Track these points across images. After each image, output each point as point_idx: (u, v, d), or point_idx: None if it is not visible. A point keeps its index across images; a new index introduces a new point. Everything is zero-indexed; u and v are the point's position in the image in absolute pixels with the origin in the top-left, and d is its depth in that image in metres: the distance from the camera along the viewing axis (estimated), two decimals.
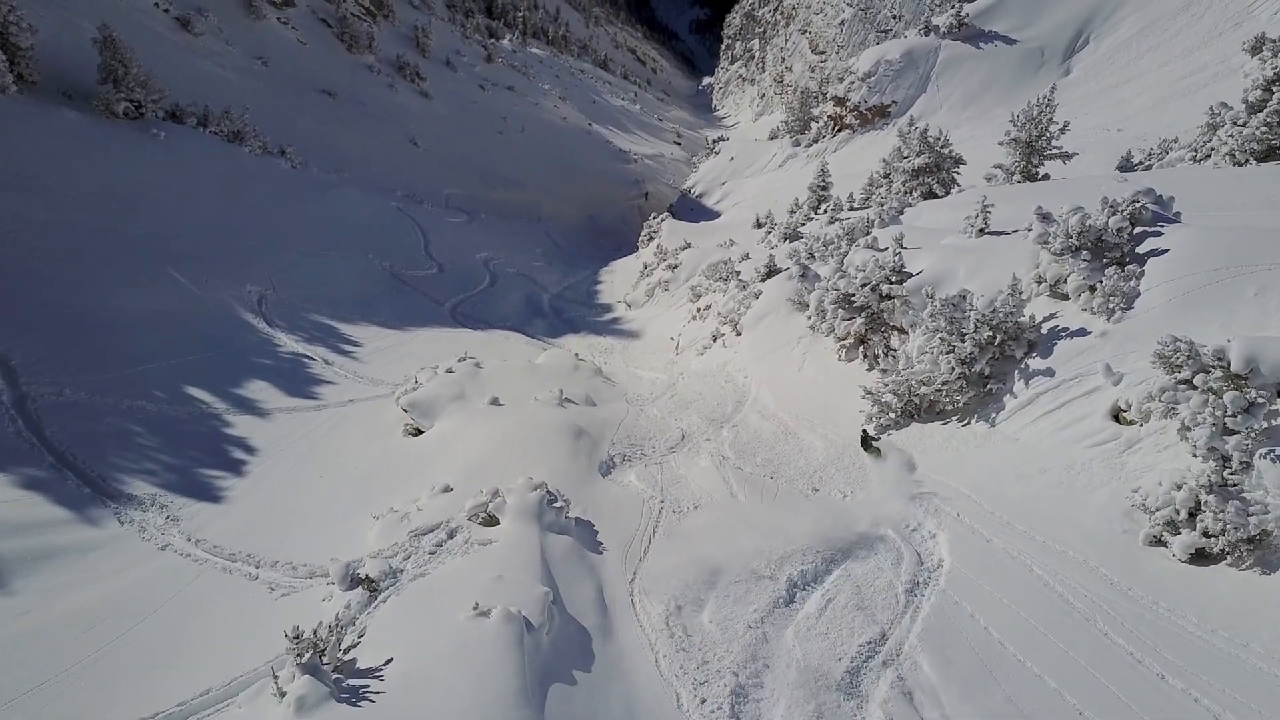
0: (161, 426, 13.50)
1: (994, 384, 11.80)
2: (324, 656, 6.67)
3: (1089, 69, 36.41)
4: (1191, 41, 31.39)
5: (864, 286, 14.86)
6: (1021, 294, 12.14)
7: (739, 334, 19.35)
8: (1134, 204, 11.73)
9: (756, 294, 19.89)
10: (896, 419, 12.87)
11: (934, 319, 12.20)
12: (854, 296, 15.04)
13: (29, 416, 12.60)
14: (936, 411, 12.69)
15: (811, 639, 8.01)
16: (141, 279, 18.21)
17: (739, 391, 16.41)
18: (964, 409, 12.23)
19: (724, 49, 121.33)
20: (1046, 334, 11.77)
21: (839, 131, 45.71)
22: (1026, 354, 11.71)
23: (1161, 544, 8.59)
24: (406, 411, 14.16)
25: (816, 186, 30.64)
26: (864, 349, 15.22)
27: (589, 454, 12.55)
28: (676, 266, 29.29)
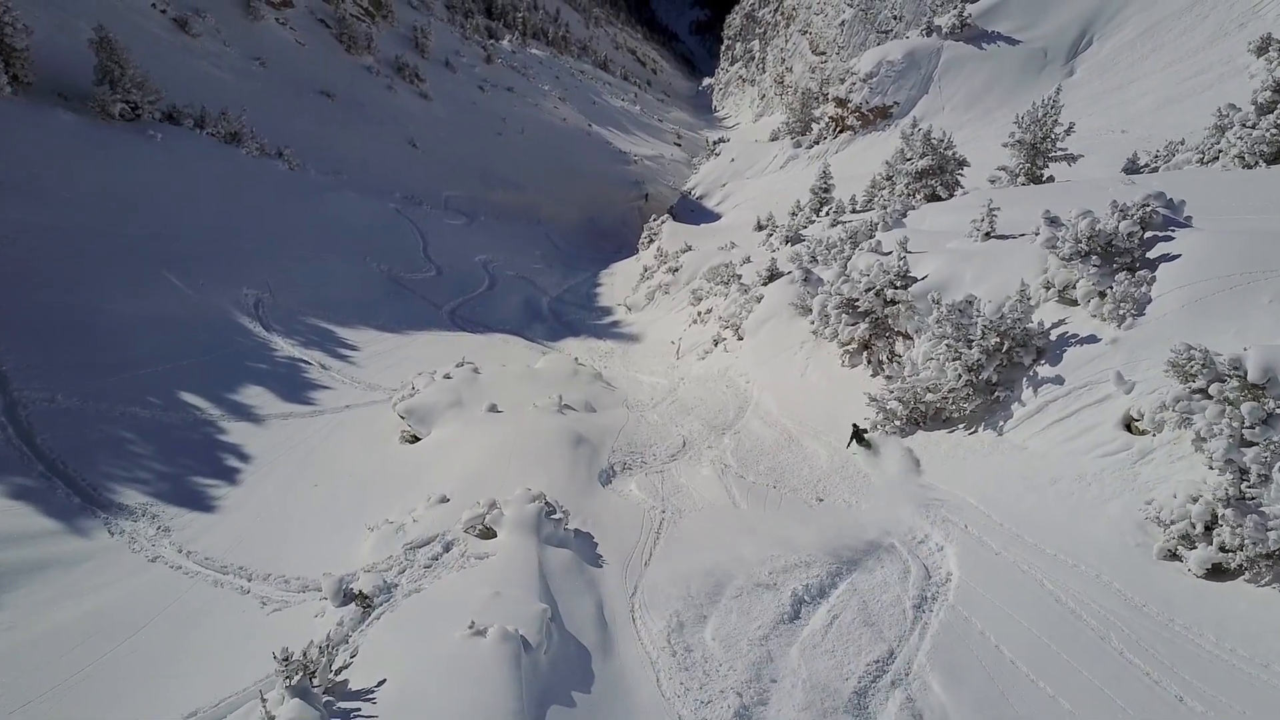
0: (155, 433, 13.29)
1: (1002, 391, 11.57)
2: (314, 678, 6.46)
3: (1092, 70, 36.17)
4: (1196, 42, 31.15)
5: (868, 291, 14.63)
6: (1030, 300, 11.91)
7: (740, 338, 19.11)
8: (1145, 208, 11.50)
9: (758, 298, 19.65)
10: (902, 426, 12.65)
11: (940, 325, 11.98)
12: (858, 301, 14.81)
13: (20, 423, 12.40)
14: (943, 419, 12.46)
15: (817, 657, 7.78)
16: (137, 282, 18.01)
17: (741, 397, 16.18)
18: (971, 417, 12.00)
19: (724, 50, 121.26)
20: (1055, 341, 11.53)
21: (840, 133, 45.50)
22: (1035, 361, 11.47)
23: (1176, 558, 8.36)
24: (403, 418, 13.95)
25: (818, 188, 30.43)
26: (868, 355, 15.00)
27: (589, 462, 12.32)
28: (677, 269, 29.04)
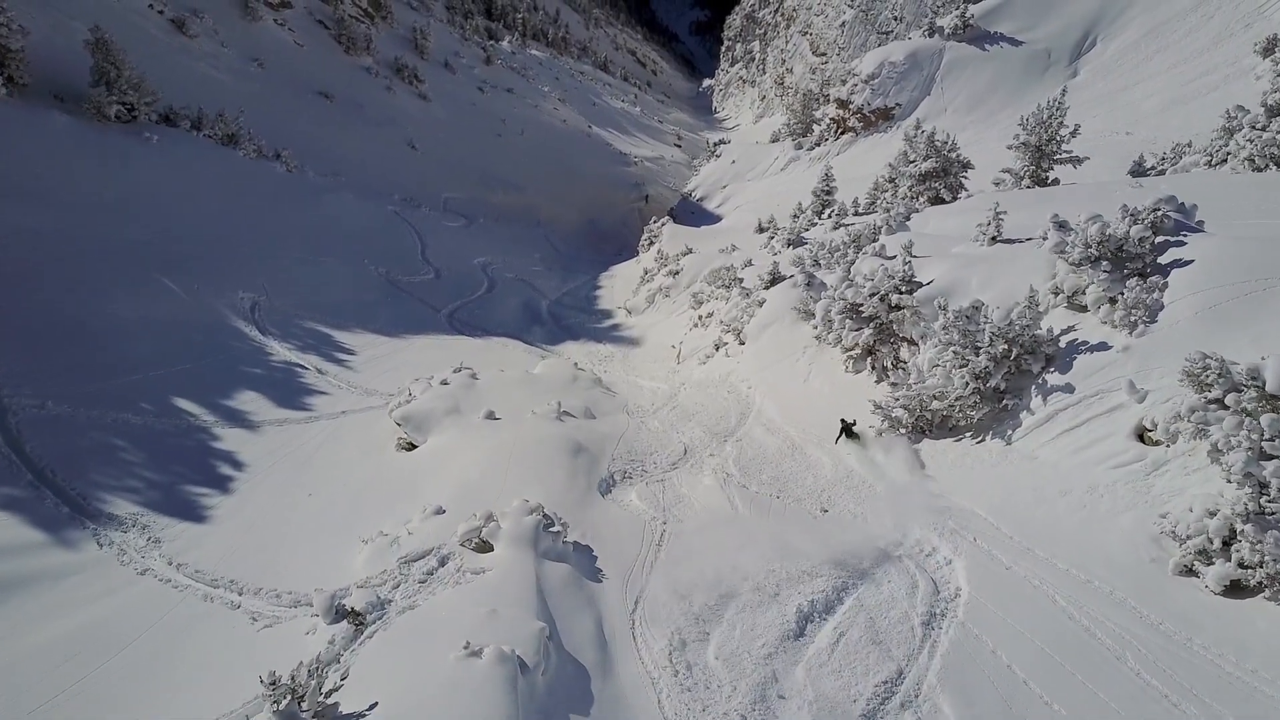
0: (147, 441, 13.05)
1: (1010, 400, 11.32)
2: (303, 702, 6.23)
3: (1097, 71, 35.95)
4: (1202, 43, 30.92)
5: (872, 296, 14.40)
6: (1039, 306, 11.67)
7: (742, 343, 18.87)
8: (1156, 212, 11.26)
9: (760, 302, 19.42)
10: (908, 434, 12.41)
11: (947, 331, 11.74)
12: (862, 306, 14.58)
13: (9, 431, 12.16)
14: (949, 427, 12.22)
15: (824, 677, 7.54)
16: (132, 286, 17.77)
17: (743, 403, 15.94)
18: (978, 425, 11.76)
19: (724, 51, 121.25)
20: (1065, 348, 11.29)
21: (842, 134, 45.28)
22: (1044, 369, 11.23)
23: (1193, 574, 8.12)
24: (400, 425, 13.71)
25: (820, 191, 30.19)
26: (872, 361, 14.77)
27: (588, 472, 12.08)
28: (678, 272, 28.78)
